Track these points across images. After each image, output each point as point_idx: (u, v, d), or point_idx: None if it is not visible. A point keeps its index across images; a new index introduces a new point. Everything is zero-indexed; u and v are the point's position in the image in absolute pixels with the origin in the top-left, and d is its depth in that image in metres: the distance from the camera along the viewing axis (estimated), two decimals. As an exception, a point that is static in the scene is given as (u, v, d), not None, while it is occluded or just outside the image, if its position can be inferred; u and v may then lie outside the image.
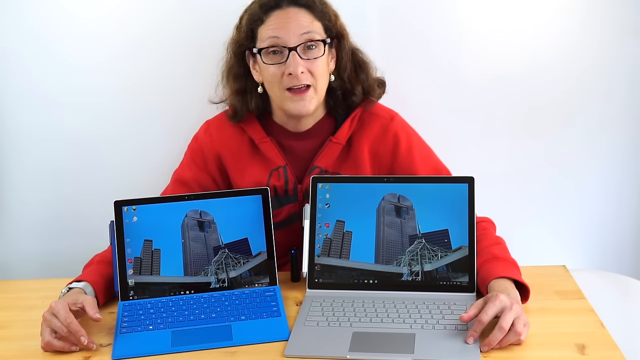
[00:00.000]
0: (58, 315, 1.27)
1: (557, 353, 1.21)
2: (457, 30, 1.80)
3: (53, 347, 1.28)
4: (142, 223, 1.44)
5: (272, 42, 1.47)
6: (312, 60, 1.48)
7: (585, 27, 1.79)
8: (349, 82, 1.56)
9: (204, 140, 1.62)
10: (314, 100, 1.51)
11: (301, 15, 1.48)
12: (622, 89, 1.84)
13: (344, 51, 1.55)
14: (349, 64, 1.56)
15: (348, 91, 1.57)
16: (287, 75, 1.47)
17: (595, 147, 1.88)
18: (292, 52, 1.46)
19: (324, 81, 1.52)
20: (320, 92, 1.52)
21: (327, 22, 1.51)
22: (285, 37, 1.46)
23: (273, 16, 1.48)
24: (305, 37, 1.47)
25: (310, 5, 1.49)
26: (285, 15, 1.47)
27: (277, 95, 1.52)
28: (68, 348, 1.28)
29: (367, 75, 1.59)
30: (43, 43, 1.80)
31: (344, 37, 1.55)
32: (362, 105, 1.58)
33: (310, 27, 1.48)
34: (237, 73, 1.57)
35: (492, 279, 1.34)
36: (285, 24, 1.47)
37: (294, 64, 1.46)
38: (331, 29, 1.52)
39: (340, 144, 1.57)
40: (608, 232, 1.94)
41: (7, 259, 1.94)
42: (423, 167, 1.57)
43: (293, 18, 1.47)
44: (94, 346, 1.28)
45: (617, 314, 1.50)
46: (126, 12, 1.79)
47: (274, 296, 1.42)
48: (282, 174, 1.57)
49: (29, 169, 1.88)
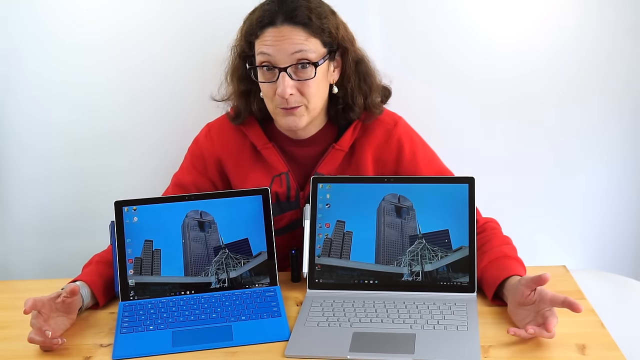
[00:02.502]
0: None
1: (557, 353, 1.21)
2: (459, 31, 1.80)
3: (35, 342, 1.27)
4: (142, 223, 1.44)
5: (264, 60, 1.45)
6: (303, 82, 1.45)
7: (585, 26, 1.79)
8: (351, 94, 1.53)
9: (205, 144, 1.61)
10: (304, 118, 1.48)
11: (295, 33, 1.42)
12: (622, 88, 1.84)
13: (348, 62, 1.52)
14: (353, 75, 1.53)
15: (348, 106, 1.54)
16: (278, 94, 1.45)
17: (595, 148, 1.88)
18: (282, 73, 1.43)
19: (317, 99, 1.48)
20: (313, 109, 1.49)
21: (325, 38, 1.46)
22: (276, 57, 1.43)
23: (267, 33, 1.44)
24: (296, 57, 1.43)
25: (306, 23, 1.43)
26: (279, 33, 1.42)
27: (271, 110, 1.51)
28: (49, 343, 1.27)
29: (371, 88, 1.55)
30: (43, 43, 1.80)
31: (347, 48, 1.51)
32: (362, 120, 1.57)
33: (304, 45, 1.43)
34: (242, 75, 1.54)
35: (506, 277, 1.35)
36: (277, 43, 1.42)
37: (283, 86, 1.43)
38: (331, 43, 1.48)
39: (343, 150, 1.56)
40: (608, 233, 1.94)
41: (7, 259, 1.94)
42: (427, 171, 1.56)
43: (286, 37, 1.42)
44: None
45: (617, 314, 1.50)
46: (127, 13, 1.79)
47: (275, 296, 1.42)
48: (285, 180, 1.57)
49: (29, 169, 1.88)
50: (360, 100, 1.54)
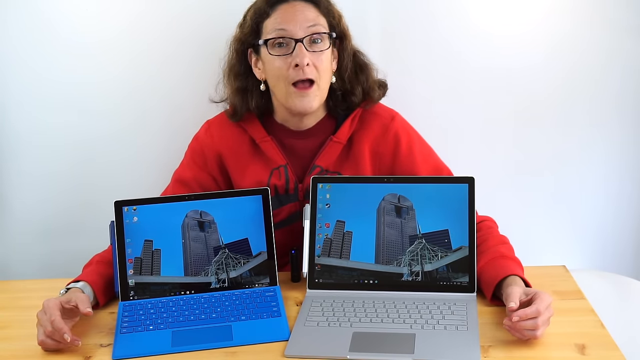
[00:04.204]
0: (45, 312, 1.28)
1: (557, 353, 1.21)
2: (460, 27, 1.80)
3: (47, 345, 1.28)
4: (142, 223, 1.44)
5: (278, 34, 1.48)
6: (317, 54, 1.49)
7: (586, 23, 1.79)
8: (349, 83, 1.57)
9: (205, 140, 1.62)
10: (317, 98, 1.51)
11: (307, 9, 1.50)
12: (622, 87, 1.84)
13: (346, 52, 1.56)
14: (350, 64, 1.57)
15: (348, 92, 1.57)
16: (292, 68, 1.48)
17: (595, 147, 1.88)
18: (299, 44, 1.47)
19: (327, 77, 1.53)
20: (323, 89, 1.52)
21: (331, 20, 1.53)
22: (292, 29, 1.48)
23: (279, 9, 1.50)
24: (311, 30, 1.48)
25: (316, 1, 1.51)
26: (292, 8, 1.49)
27: (282, 91, 1.52)
28: (63, 346, 1.27)
29: (368, 77, 1.59)
30: (43, 43, 1.80)
31: (346, 37, 1.56)
32: (362, 106, 1.58)
33: (317, 20, 1.50)
34: (238, 71, 1.57)
35: (504, 276, 1.35)
36: (292, 16, 1.48)
37: (301, 55, 1.47)
38: (335, 27, 1.53)
39: (341, 143, 1.57)
40: (608, 232, 1.94)
41: (7, 259, 1.94)
42: (424, 166, 1.57)
43: (300, 11, 1.49)
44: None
45: (617, 314, 1.50)
46: (127, 12, 1.79)
47: (274, 296, 1.42)
48: (283, 173, 1.57)
49: (29, 169, 1.88)
50: (358, 88, 1.57)
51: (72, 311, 1.32)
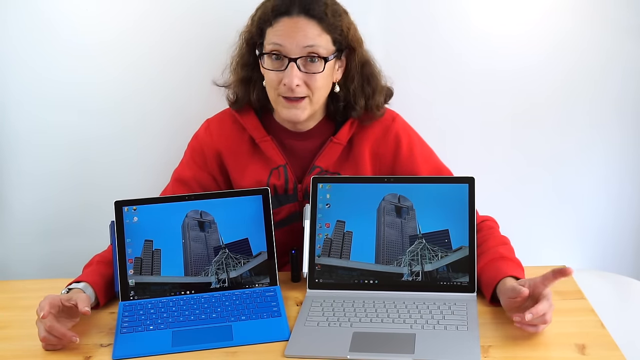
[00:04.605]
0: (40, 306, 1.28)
1: (557, 353, 1.21)
2: (460, 29, 1.80)
3: (50, 341, 1.28)
4: (142, 223, 1.44)
5: (274, 49, 1.46)
6: (310, 74, 1.46)
7: (586, 24, 1.79)
8: (353, 95, 1.55)
9: (204, 139, 1.62)
10: (306, 111, 1.50)
11: (309, 26, 1.44)
12: (622, 87, 1.84)
13: (353, 63, 1.53)
14: (357, 76, 1.54)
15: (350, 104, 1.55)
16: (283, 84, 1.46)
17: (595, 149, 1.88)
18: (292, 63, 1.44)
19: (321, 93, 1.50)
20: (315, 103, 1.50)
21: (337, 36, 1.48)
22: (288, 47, 1.44)
23: (281, 22, 1.45)
24: (307, 50, 1.44)
25: (321, 17, 1.45)
26: (294, 24, 1.44)
27: (273, 99, 1.52)
28: (67, 342, 1.27)
29: (375, 90, 1.56)
30: (42, 43, 1.80)
31: (355, 49, 1.52)
32: (360, 121, 1.57)
33: (316, 40, 1.45)
34: (246, 62, 1.55)
35: (502, 277, 1.34)
36: (291, 33, 1.44)
37: (291, 76, 1.44)
38: (341, 42, 1.49)
39: (341, 144, 1.57)
40: (608, 232, 1.94)
41: (7, 259, 1.94)
42: (424, 167, 1.57)
43: (300, 29, 1.44)
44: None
45: (617, 314, 1.50)
46: (126, 12, 1.79)
47: (275, 296, 1.42)
48: (282, 173, 1.57)
49: (29, 169, 1.88)
50: (362, 102, 1.55)
51: (72, 310, 1.32)
